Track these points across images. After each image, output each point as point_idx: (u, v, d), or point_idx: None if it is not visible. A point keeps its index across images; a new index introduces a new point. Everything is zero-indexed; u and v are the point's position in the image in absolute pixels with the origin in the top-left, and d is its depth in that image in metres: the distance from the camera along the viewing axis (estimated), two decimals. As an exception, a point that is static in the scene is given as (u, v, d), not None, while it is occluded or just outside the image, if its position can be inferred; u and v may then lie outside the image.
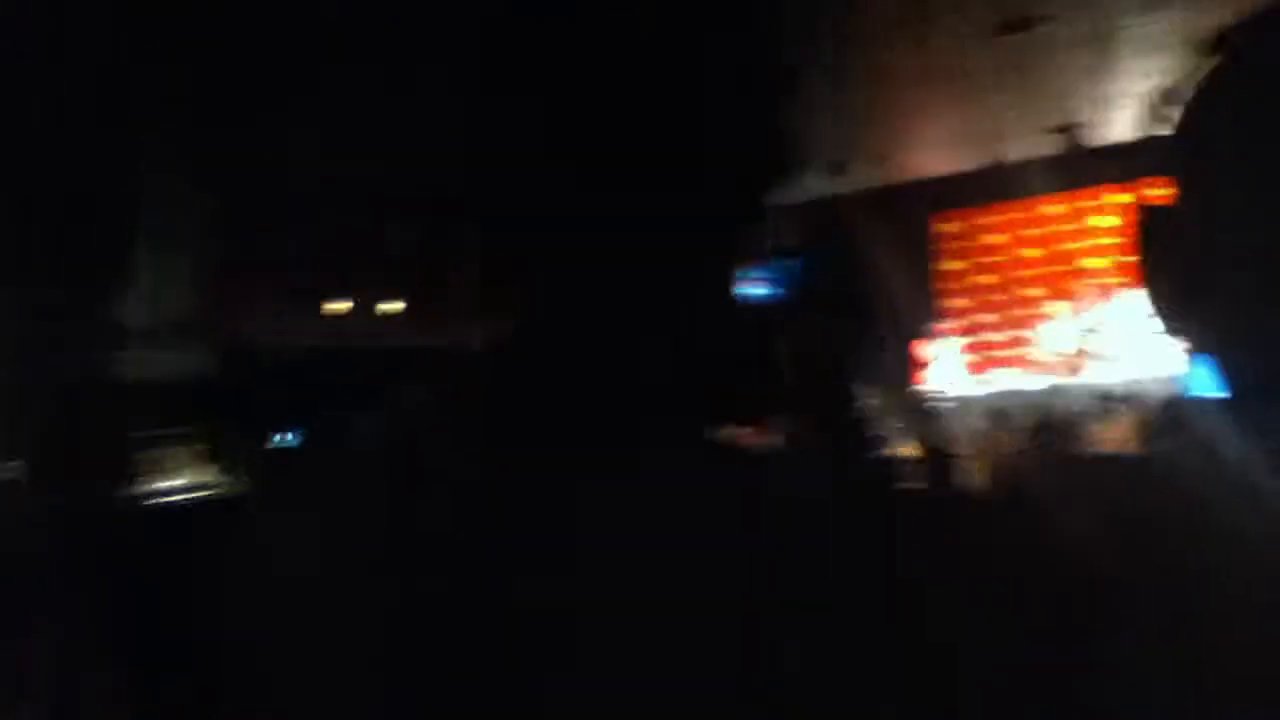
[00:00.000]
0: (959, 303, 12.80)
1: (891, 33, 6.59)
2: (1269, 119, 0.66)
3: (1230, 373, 0.72)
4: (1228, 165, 0.67)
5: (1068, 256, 12.48)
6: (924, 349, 11.78)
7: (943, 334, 11.84)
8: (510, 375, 0.69)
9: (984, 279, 12.89)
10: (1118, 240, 12.35)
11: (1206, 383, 1.23)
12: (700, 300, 0.65)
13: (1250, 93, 0.68)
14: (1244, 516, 0.63)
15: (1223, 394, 0.74)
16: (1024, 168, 10.69)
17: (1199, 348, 0.76)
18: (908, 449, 9.72)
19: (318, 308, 10.83)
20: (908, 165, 10.28)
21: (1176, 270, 0.72)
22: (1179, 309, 0.74)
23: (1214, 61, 0.71)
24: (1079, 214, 12.46)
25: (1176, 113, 0.72)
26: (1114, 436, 8.93)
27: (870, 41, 6.68)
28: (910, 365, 11.78)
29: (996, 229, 12.78)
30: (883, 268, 10.49)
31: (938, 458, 8.76)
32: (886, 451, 9.44)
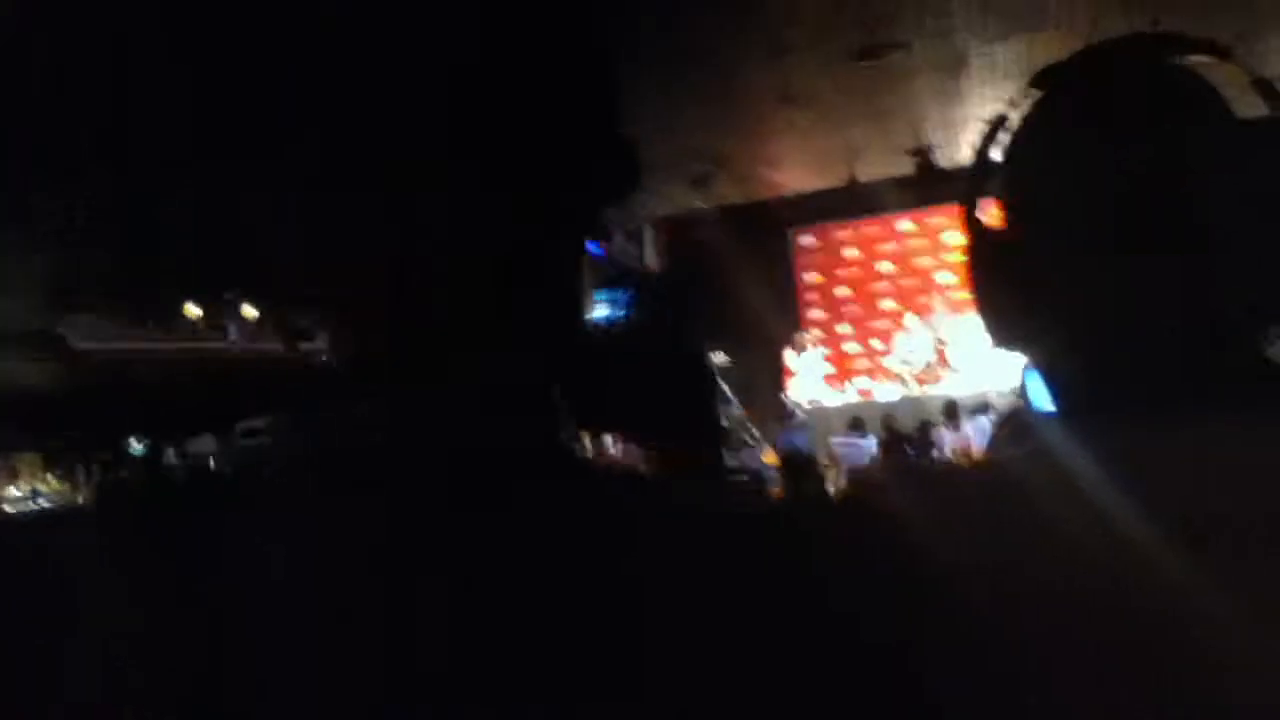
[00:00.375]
0: (818, 314, 13.10)
1: (756, 54, 6.71)
2: (1088, 151, 0.71)
3: (1059, 387, 0.77)
4: (1051, 193, 0.72)
5: (920, 271, 12.88)
6: (786, 360, 11.98)
7: (803, 345, 12.05)
8: (358, 390, 0.66)
9: (841, 292, 13.21)
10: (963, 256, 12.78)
11: (1041, 396, 1.31)
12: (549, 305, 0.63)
13: (1071, 125, 0.73)
14: (1073, 521, 0.67)
15: (1053, 408, 0.80)
16: (879, 186, 11.00)
17: (1031, 363, 0.82)
18: (769, 457, 9.91)
19: (172, 314, 10.44)
20: (770, 182, 10.46)
21: (1005, 290, 0.77)
22: (1009, 327, 0.79)
23: (1038, 93, 0.77)
24: (931, 231, 12.88)
25: (1005, 139, 0.78)
26: (962, 445, 9.27)
27: (735, 61, 6.79)
28: (773, 375, 11.98)
29: (853, 244, 13.12)
30: (746, 280, 10.67)
31: (795, 466, 8.96)
32: (746, 460, 9.57)
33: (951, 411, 9.57)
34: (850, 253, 13.15)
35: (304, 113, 0.65)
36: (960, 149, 10.06)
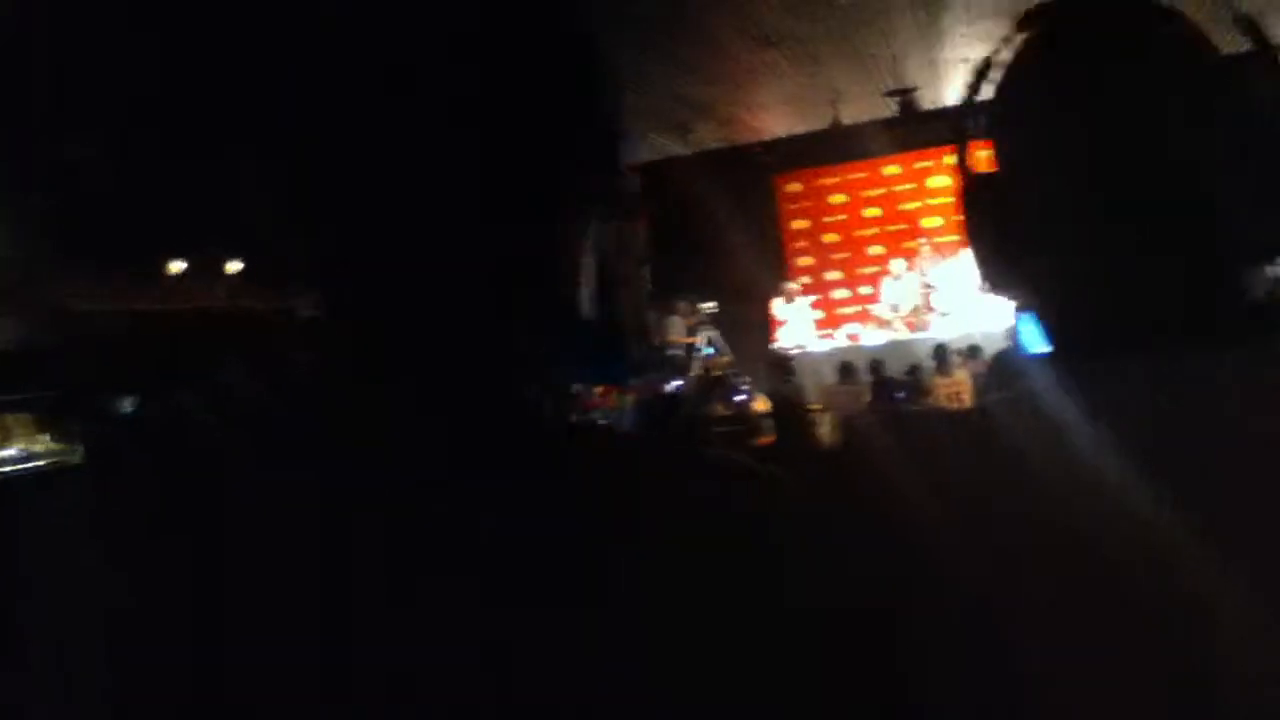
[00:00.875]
0: (805, 261, 13.09)
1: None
2: (1075, 92, 0.71)
3: (1051, 329, 0.78)
4: (1040, 135, 0.73)
5: (906, 216, 12.87)
6: (775, 306, 11.99)
7: (791, 295, 12.06)
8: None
9: (828, 238, 13.20)
10: (953, 200, 12.76)
11: (1034, 338, 1.31)
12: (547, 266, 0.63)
13: (1059, 67, 0.73)
14: (1061, 465, 0.68)
15: (1047, 349, 0.81)
16: (861, 130, 10.95)
17: (1022, 306, 0.82)
18: (761, 402, 9.95)
19: (154, 269, 10.42)
20: (751, 126, 10.40)
21: (997, 233, 0.78)
22: (1001, 270, 0.79)
23: (1027, 34, 0.76)
24: (916, 175, 12.86)
25: (994, 80, 0.78)
26: (951, 390, 9.30)
27: (711, 2, 6.72)
28: (762, 323, 11.99)
29: (838, 189, 13.09)
30: (732, 228, 10.66)
31: (785, 411, 9.00)
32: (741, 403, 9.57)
33: (941, 355, 9.59)
34: (836, 199, 13.12)
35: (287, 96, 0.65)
36: (942, 90, 10.01)
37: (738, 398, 10.22)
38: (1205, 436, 0.67)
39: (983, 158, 0.81)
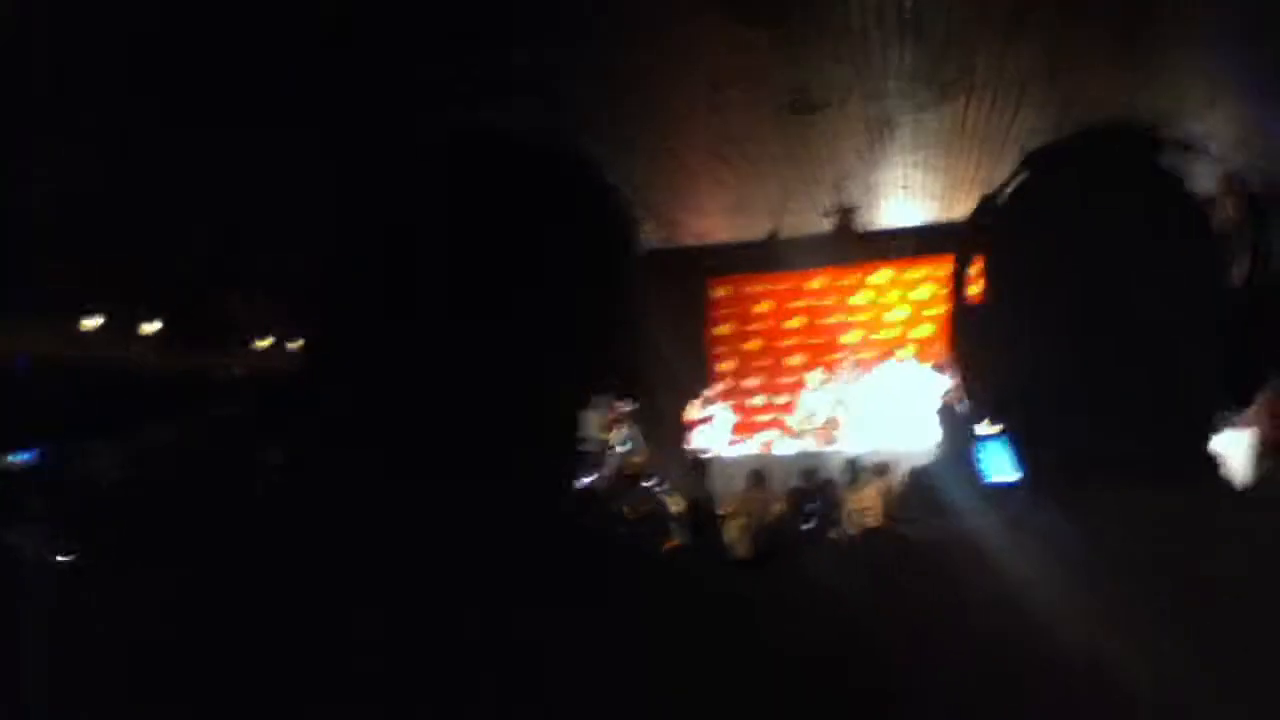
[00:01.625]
0: (727, 365, 13.20)
1: (687, 100, 6.79)
2: (1071, 237, 0.74)
3: (1028, 456, 0.80)
4: (1034, 272, 0.75)
5: (827, 329, 13.12)
6: (694, 409, 12.02)
7: (712, 396, 12.14)
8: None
9: (750, 345, 13.35)
10: (870, 318, 13.11)
11: (996, 465, 1.34)
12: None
13: (1056, 207, 0.76)
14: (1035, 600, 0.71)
15: (1017, 475, 0.83)
16: (796, 243, 11.18)
17: (1001, 429, 0.84)
18: (674, 503, 9.90)
19: (68, 321, 10.05)
20: (692, 230, 10.54)
21: (981, 358, 0.79)
22: (982, 394, 0.81)
23: (1022, 176, 0.80)
24: (840, 290, 13.15)
25: (985, 218, 0.81)
26: (861, 505, 9.38)
27: (664, 106, 6.85)
28: (678, 424, 12.00)
29: (765, 297, 13.30)
30: (659, 325, 10.71)
31: (698, 514, 8.96)
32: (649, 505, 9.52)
33: (852, 470, 9.68)
34: (761, 307, 13.32)
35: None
36: (878, 213, 10.31)
37: (651, 497, 10.17)
38: (1167, 574, 0.69)
39: (975, 283, 0.84)
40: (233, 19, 5.10)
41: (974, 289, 0.82)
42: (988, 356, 0.80)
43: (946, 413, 5.27)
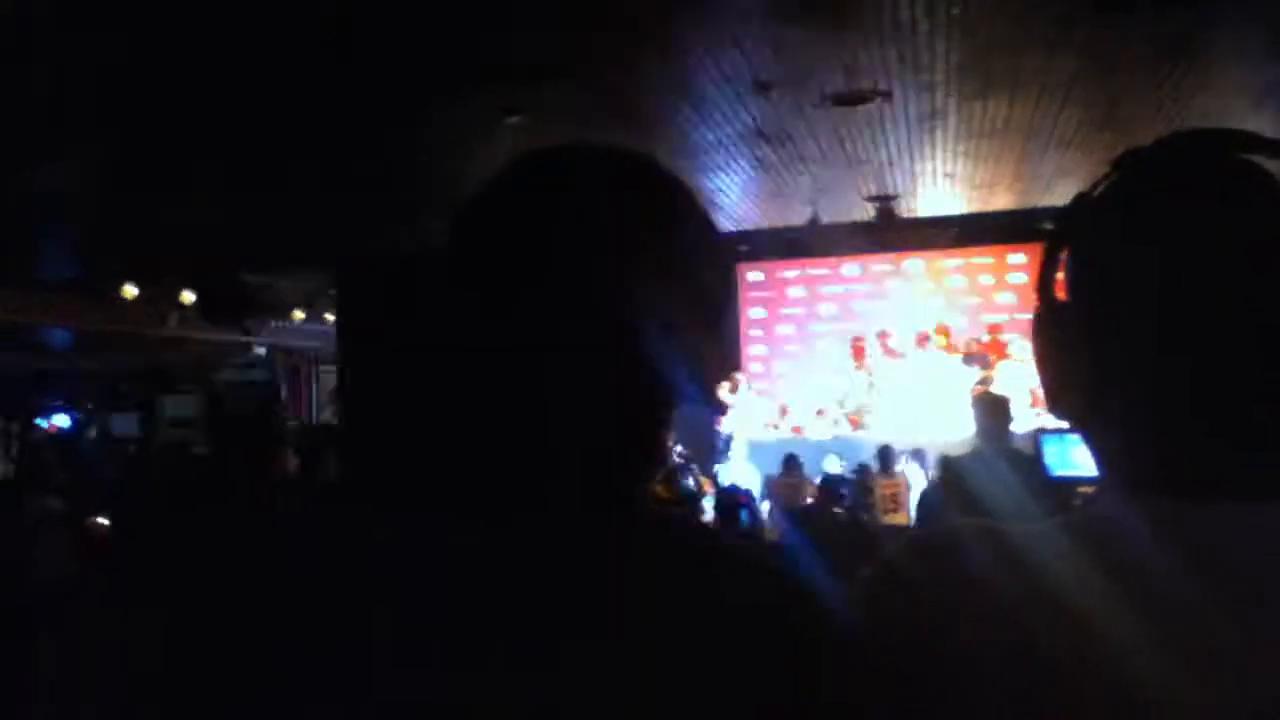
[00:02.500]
0: (759, 350, 13.21)
1: (733, 91, 6.78)
2: (1165, 237, 0.74)
3: (1117, 460, 0.80)
4: (1134, 272, 0.75)
5: (860, 316, 13.10)
6: (726, 392, 12.04)
7: (738, 385, 12.15)
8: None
9: (783, 330, 13.35)
10: (904, 306, 13.09)
11: (1057, 462, 1.35)
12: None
13: (1147, 210, 0.76)
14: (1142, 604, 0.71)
15: (1094, 474, 0.83)
16: (835, 230, 11.16)
17: (1080, 430, 0.83)
18: (706, 484, 9.93)
19: (108, 292, 10.16)
20: (731, 214, 10.52)
21: (1066, 361, 0.80)
22: (1063, 397, 0.81)
23: (1115, 176, 0.79)
24: (875, 276, 13.13)
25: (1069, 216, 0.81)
26: (892, 490, 9.41)
27: (706, 97, 6.85)
28: (713, 407, 12.02)
29: (798, 283, 13.28)
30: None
31: (731, 496, 9.00)
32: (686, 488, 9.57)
33: (885, 456, 9.69)
34: (795, 291, 13.31)
35: None
36: (920, 200, 10.26)
37: (683, 478, 10.22)
38: (1243, 584, 0.68)
39: (1060, 285, 0.82)
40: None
41: (1059, 286, 0.81)
42: (1071, 355, 0.78)
43: (982, 404, 5.22)
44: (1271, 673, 0.65)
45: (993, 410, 5.01)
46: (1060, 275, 0.80)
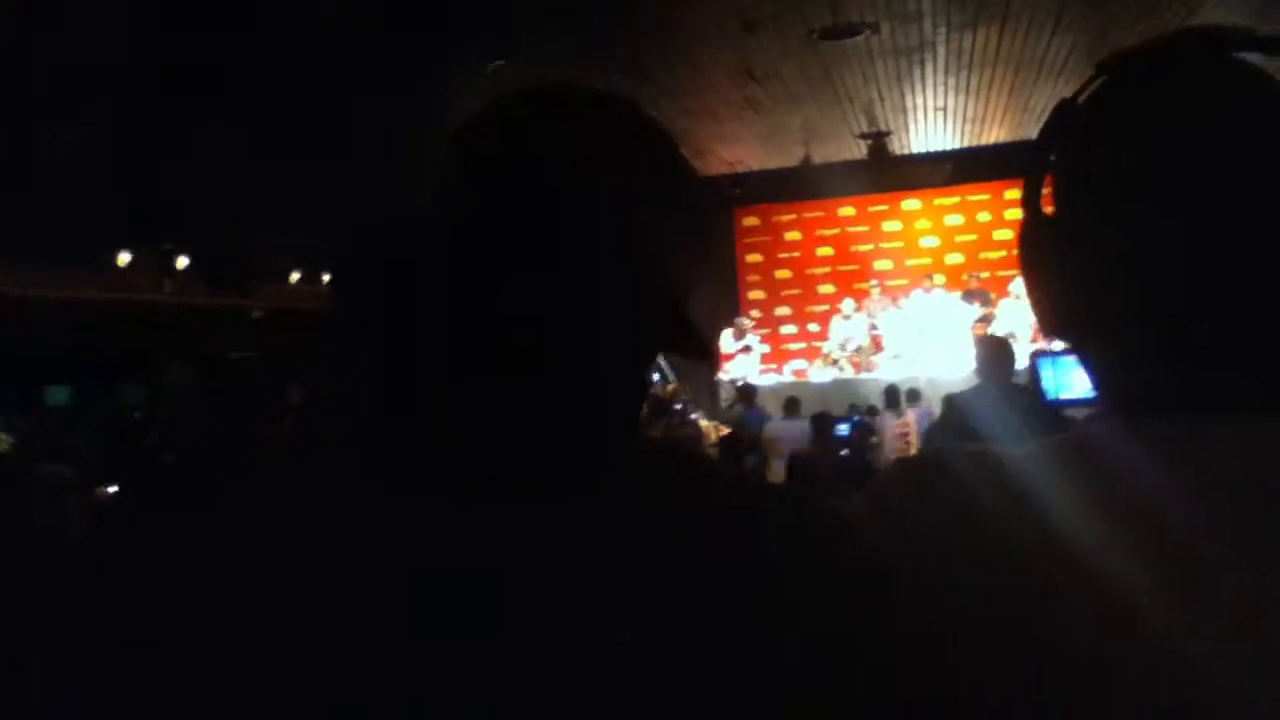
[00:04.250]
0: (757, 295, 13.20)
1: (725, 29, 6.71)
2: (1151, 140, 0.70)
3: (1112, 381, 0.76)
4: (1115, 182, 0.71)
5: (859, 257, 13.08)
6: (726, 337, 12.05)
7: (742, 330, 12.15)
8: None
9: (781, 274, 13.33)
10: (901, 245, 13.06)
11: (1054, 384, 1.32)
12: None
13: (1135, 112, 0.72)
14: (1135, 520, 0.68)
15: (1089, 396, 0.79)
16: (828, 170, 11.10)
17: (1079, 352, 0.79)
18: (712, 430, 9.97)
19: (102, 259, 10.14)
20: (723, 159, 10.47)
21: (1058, 276, 0.76)
22: (1057, 314, 0.77)
23: (1097, 82, 0.75)
24: (871, 218, 13.09)
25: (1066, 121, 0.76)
26: (903, 429, 9.44)
27: (694, 33, 6.78)
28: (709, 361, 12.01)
29: (794, 226, 13.24)
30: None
31: (738, 441, 9.02)
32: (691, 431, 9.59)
33: (893, 396, 9.71)
34: (791, 235, 13.27)
35: None
36: (913, 136, 10.19)
37: (687, 423, 10.26)
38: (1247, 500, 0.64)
39: (1045, 198, 0.79)
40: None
41: (1046, 202, 0.76)
42: (1062, 271, 0.74)
43: (984, 345, 5.21)
44: (1273, 591, 0.62)
45: (994, 349, 5.02)
46: (1046, 190, 0.76)
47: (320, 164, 8.82)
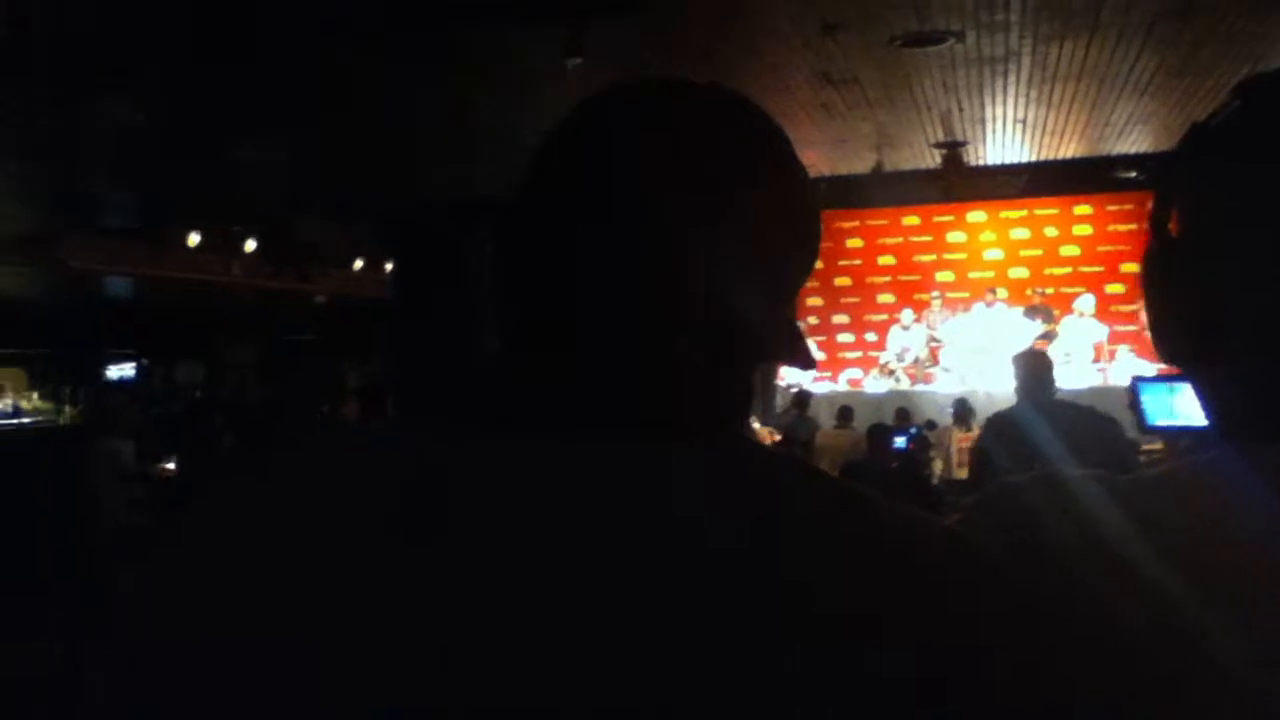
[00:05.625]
0: (815, 301, 13.11)
1: (806, 29, 6.64)
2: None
3: (1217, 412, 0.75)
4: (1246, 207, 0.69)
5: (920, 268, 12.96)
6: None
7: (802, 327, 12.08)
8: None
9: (840, 281, 13.24)
10: (965, 258, 12.92)
11: (1155, 411, 1.25)
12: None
13: (1270, 147, 0.70)
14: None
15: (1202, 425, 0.77)
16: (897, 178, 11.00)
17: (1196, 379, 0.78)
18: (766, 434, 9.91)
19: (174, 239, 10.27)
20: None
21: (1181, 303, 0.74)
22: (1176, 341, 0.76)
23: (1233, 105, 0.73)
24: (936, 228, 12.96)
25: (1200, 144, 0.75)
26: (970, 443, 9.33)
27: (783, 35, 6.73)
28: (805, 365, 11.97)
29: (856, 234, 13.14)
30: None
31: (792, 446, 8.96)
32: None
33: (961, 410, 9.60)
34: (853, 243, 13.17)
35: None
36: (988, 148, 10.06)
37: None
38: None
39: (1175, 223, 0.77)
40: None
41: (1173, 223, 0.75)
42: (1187, 293, 0.73)
43: (1020, 361, 5.10)
44: None
45: (1029, 365, 4.95)
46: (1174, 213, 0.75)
47: (387, 155, 8.89)
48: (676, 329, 0.67)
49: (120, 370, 12.58)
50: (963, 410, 9.54)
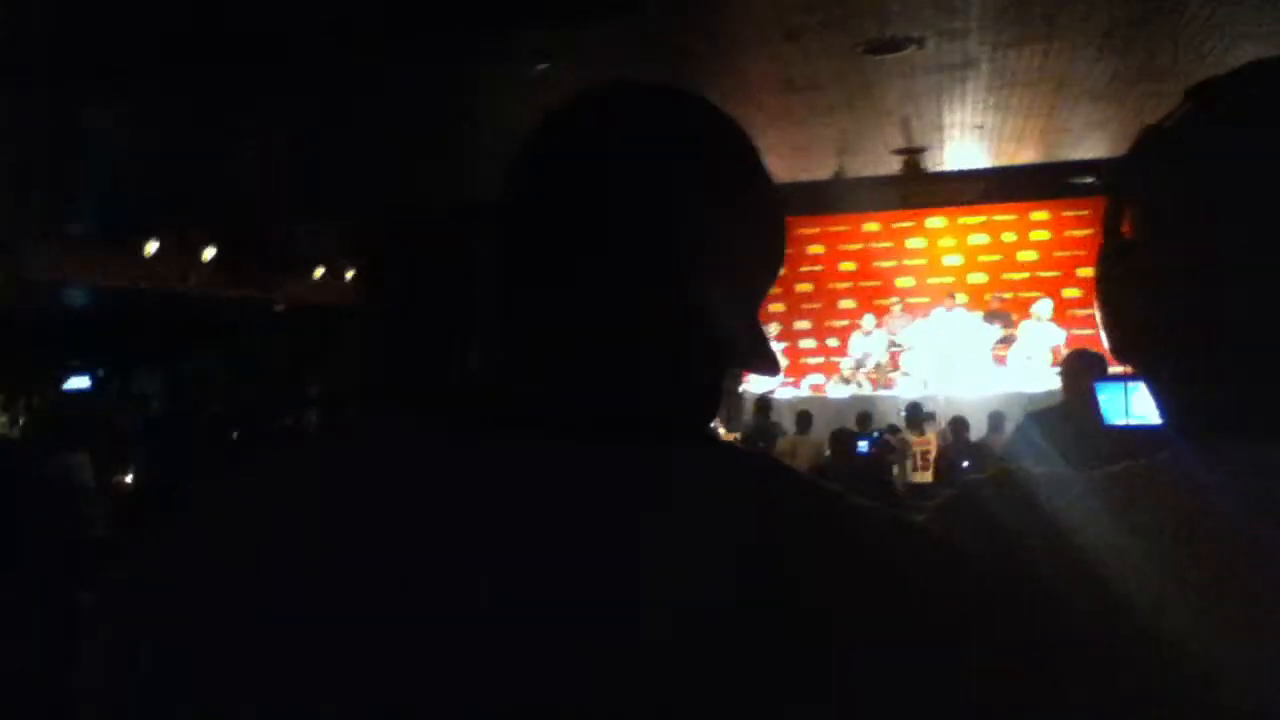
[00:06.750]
0: (777, 307, 13.16)
1: (761, 38, 6.68)
2: (1239, 170, 0.70)
3: (1179, 406, 0.76)
4: (1198, 209, 0.71)
5: (881, 274, 13.06)
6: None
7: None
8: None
9: (801, 287, 13.31)
10: (924, 263, 13.03)
11: (1112, 410, 1.29)
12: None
13: (1224, 142, 0.71)
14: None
15: (1157, 423, 0.79)
16: (857, 184, 11.08)
17: (1146, 376, 0.79)
18: (727, 438, 9.90)
19: (131, 247, 10.14)
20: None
21: (1133, 301, 0.75)
22: (1130, 339, 0.77)
23: (1184, 109, 0.75)
24: (896, 234, 13.07)
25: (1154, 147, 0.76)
26: (925, 448, 9.41)
27: (736, 41, 6.75)
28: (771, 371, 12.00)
29: (817, 240, 13.22)
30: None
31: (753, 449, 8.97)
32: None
33: (915, 414, 9.67)
34: (814, 249, 13.26)
35: None
36: (948, 153, 10.15)
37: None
38: None
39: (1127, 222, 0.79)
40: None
41: (1126, 226, 0.76)
42: (1140, 292, 0.75)
43: (1067, 359, 5.11)
44: None
45: (1075, 366, 4.94)
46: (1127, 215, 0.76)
47: (352, 160, 8.82)
48: (649, 335, 0.68)
49: (76, 380, 12.39)
50: (917, 414, 9.61)
